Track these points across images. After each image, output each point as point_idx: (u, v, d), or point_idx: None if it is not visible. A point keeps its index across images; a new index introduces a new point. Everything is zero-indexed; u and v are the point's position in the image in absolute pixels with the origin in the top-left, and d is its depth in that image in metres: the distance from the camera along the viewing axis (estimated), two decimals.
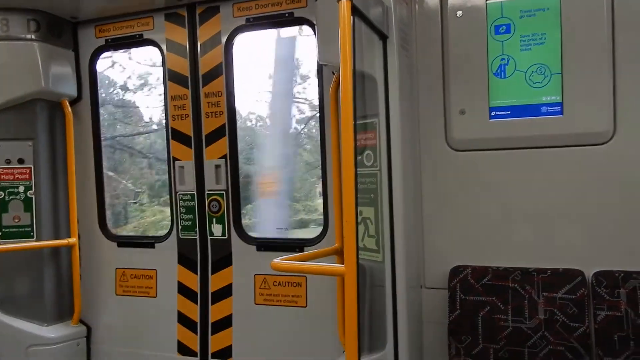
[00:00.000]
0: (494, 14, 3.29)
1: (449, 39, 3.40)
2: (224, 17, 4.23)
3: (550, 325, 3.07)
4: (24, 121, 4.41)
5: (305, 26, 4.12)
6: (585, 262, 3.12)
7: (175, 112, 4.38)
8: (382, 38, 3.09)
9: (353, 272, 2.38)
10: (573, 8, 3.12)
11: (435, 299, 3.45)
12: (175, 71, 4.37)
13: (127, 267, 4.63)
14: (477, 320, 3.23)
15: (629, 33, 3.04)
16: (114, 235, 4.79)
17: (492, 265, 3.29)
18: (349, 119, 2.40)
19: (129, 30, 4.53)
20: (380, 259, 3.18)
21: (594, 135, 3.12)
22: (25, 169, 4.41)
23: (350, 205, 2.39)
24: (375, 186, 3.19)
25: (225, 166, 4.25)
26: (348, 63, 2.41)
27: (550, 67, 3.19)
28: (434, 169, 3.47)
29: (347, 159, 2.40)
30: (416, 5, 3.46)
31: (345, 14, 2.42)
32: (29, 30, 4.26)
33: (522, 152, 3.27)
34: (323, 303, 3.94)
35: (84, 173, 4.69)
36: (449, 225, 3.45)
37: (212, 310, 4.34)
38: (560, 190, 3.20)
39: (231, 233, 4.27)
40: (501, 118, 3.30)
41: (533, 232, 3.27)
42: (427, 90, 3.45)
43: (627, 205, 3.08)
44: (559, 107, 3.17)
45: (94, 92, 4.71)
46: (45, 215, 4.48)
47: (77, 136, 4.59)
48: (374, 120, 3.17)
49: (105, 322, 4.71)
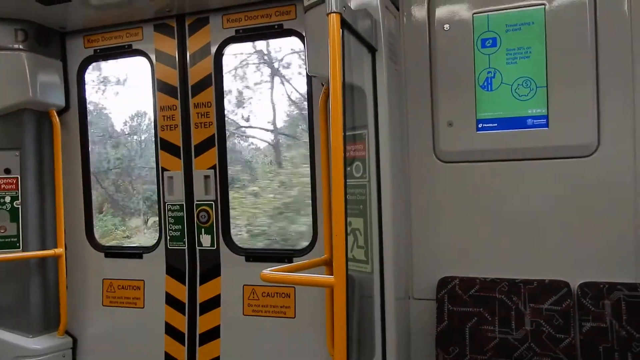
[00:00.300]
0: (480, 28, 3.34)
1: (436, 52, 3.44)
2: (213, 28, 4.24)
3: (537, 336, 3.09)
4: (11, 131, 4.38)
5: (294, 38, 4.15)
6: (570, 273, 3.16)
7: (165, 123, 4.38)
8: (370, 51, 3.12)
9: (342, 283, 2.39)
10: (557, 22, 3.18)
11: (424, 310, 3.46)
12: (165, 82, 4.37)
13: (115, 278, 4.60)
14: (465, 331, 3.24)
15: (612, 47, 3.10)
16: (101, 246, 4.75)
17: (480, 276, 3.32)
18: (339, 131, 2.42)
19: (118, 41, 4.53)
20: (369, 270, 3.19)
21: (579, 147, 3.16)
22: (11, 179, 4.38)
23: (340, 217, 2.40)
24: (365, 197, 3.20)
25: (215, 177, 4.25)
26: (338, 75, 2.43)
27: (536, 80, 3.23)
28: (422, 181, 3.50)
29: (337, 171, 2.42)
30: (404, 18, 3.51)
31: (334, 27, 2.44)
32: (16, 40, 4.25)
33: (509, 164, 3.31)
34: (312, 314, 3.93)
35: (72, 183, 4.66)
36: (437, 237, 3.48)
37: (200, 322, 4.31)
38: (546, 201, 3.24)
39: (220, 243, 4.26)
40: (488, 130, 3.34)
41: (520, 243, 3.30)
42: (415, 102, 3.48)
43: (612, 217, 3.12)
44: (545, 120, 3.22)
45: (82, 102, 4.69)
46: (32, 226, 4.44)
47: (64, 146, 4.57)
48: (363, 132, 3.19)
49: (91, 333, 4.66)
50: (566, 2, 3.16)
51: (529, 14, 3.24)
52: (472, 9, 3.35)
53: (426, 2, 3.45)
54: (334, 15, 2.45)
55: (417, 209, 3.51)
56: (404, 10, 3.49)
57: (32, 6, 3.99)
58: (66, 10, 4.16)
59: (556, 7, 3.18)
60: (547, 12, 3.19)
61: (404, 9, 3.49)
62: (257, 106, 5.45)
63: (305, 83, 4.09)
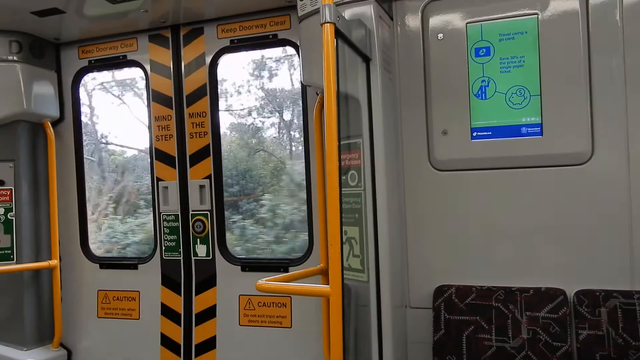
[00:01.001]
0: (474, 37, 3.36)
1: (430, 61, 3.45)
2: (208, 39, 4.25)
3: (534, 344, 3.09)
4: (5, 142, 4.37)
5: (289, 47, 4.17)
6: (566, 281, 3.16)
7: (159, 133, 4.38)
8: (365, 60, 3.13)
9: (338, 293, 2.39)
10: (550, 31, 3.20)
11: (420, 319, 3.46)
12: (159, 92, 4.38)
13: (110, 289, 4.57)
14: (462, 339, 3.24)
15: (604, 55, 3.13)
16: (96, 257, 4.73)
17: (476, 285, 3.32)
18: (334, 139, 2.43)
19: (113, 52, 4.53)
20: (365, 279, 3.19)
21: (573, 155, 3.18)
22: (5, 190, 4.36)
23: (335, 226, 2.40)
24: (360, 206, 3.21)
25: (210, 186, 4.25)
26: (332, 85, 2.44)
27: (530, 88, 3.25)
28: (417, 189, 3.50)
29: (332, 179, 2.42)
30: (398, 28, 3.52)
31: (328, 37, 2.46)
32: (10, 52, 4.25)
33: (503, 172, 3.32)
34: (308, 323, 3.92)
35: (66, 194, 4.64)
36: (433, 245, 3.48)
37: (195, 332, 4.29)
38: (540, 209, 3.25)
39: (215, 253, 4.25)
40: (482, 139, 3.35)
41: (515, 251, 3.31)
42: (409, 111, 3.49)
43: (606, 225, 3.13)
44: (539, 128, 3.23)
45: (76, 113, 4.69)
46: (26, 238, 4.42)
47: (59, 157, 4.56)
48: (357, 141, 3.20)
49: (86, 345, 4.63)
50: (559, 11, 3.19)
51: (522, 23, 3.26)
52: (466, 19, 3.37)
53: (420, 12, 3.47)
54: (328, 25, 2.46)
55: (412, 217, 3.51)
56: (397, 20, 3.51)
57: (27, 18, 4.00)
58: (61, 22, 4.17)
59: (549, 16, 3.20)
60: (540, 21, 3.21)
61: (398, 19, 3.51)
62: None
63: (300, 92, 4.10)
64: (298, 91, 4.51)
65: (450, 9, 3.41)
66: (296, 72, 5.04)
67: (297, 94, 4.74)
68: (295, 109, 5.44)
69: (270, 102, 5.77)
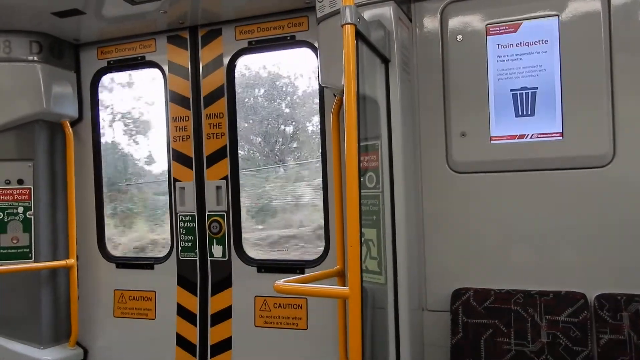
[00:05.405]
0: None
1: (449, 62, 3.43)
2: (226, 40, 4.27)
3: (553, 349, 3.05)
4: (24, 142, 4.42)
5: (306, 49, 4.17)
6: (587, 285, 3.12)
7: (177, 134, 4.40)
8: (384, 61, 3.12)
9: (357, 294, 2.38)
10: (571, 32, 3.16)
11: (438, 322, 3.43)
12: (177, 93, 4.40)
13: (126, 289, 4.60)
14: (480, 343, 3.21)
15: (626, 57, 3.08)
16: (113, 257, 4.76)
17: (494, 288, 3.28)
18: (353, 141, 2.42)
19: (131, 52, 4.57)
20: (383, 281, 3.17)
21: (594, 158, 3.14)
22: (24, 189, 4.40)
23: (355, 228, 2.39)
24: (378, 208, 3.19)
25: (226, 187, 4.26)
26: (352, 86, 2.43)
27: (550, 90, 3.22)
28: (435, 191, 3.47)
29: (352, 181, 2.41)
30: (417, 29, 3.51)
31: (349, 39, 2.45)
32: (31, 52, 4.29)
33: (523, 174, 3.29)
34: (324, 325, 3.91)
35: (84, 194, 4.68)
36: (451, 247, 3.45)
37: (211, 333, 4.30)
38: (561, 212, 3.21)
39: (231, 254, 4.26)
40: (502, 141, 3.32)
41: (534, 254, 3.27)
42: (428, 112, 3.47)
43: (628, 228, 3.09)
44: (559, 130, 3.20)
45: (95, 113, 4.73)
46: (44, 236, 4.46)
47: (77, 157, 4.60)
48: (375, 142, 3.19)
49: (102, 344, 4.66)
50: (580, 12, 3.15)
51: (542, 24, 3.23)
52: (485, 20, 3.34)
53: (439, 13, 3.45)
54: (348, 26, 2.45)
55: (430, 220, 3.48)
56: (416, 22, 3.49)
57: (47, 19, 4.04)
58: (80, 23, 4.21)
59: (570, 17, 3.17)
60: (561, 22, 3.18)
61: (417, 20, 3.49)
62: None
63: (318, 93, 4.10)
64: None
65: (470, 10, 3.38)
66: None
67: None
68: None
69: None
